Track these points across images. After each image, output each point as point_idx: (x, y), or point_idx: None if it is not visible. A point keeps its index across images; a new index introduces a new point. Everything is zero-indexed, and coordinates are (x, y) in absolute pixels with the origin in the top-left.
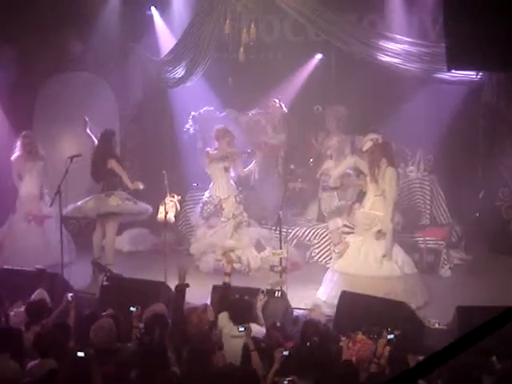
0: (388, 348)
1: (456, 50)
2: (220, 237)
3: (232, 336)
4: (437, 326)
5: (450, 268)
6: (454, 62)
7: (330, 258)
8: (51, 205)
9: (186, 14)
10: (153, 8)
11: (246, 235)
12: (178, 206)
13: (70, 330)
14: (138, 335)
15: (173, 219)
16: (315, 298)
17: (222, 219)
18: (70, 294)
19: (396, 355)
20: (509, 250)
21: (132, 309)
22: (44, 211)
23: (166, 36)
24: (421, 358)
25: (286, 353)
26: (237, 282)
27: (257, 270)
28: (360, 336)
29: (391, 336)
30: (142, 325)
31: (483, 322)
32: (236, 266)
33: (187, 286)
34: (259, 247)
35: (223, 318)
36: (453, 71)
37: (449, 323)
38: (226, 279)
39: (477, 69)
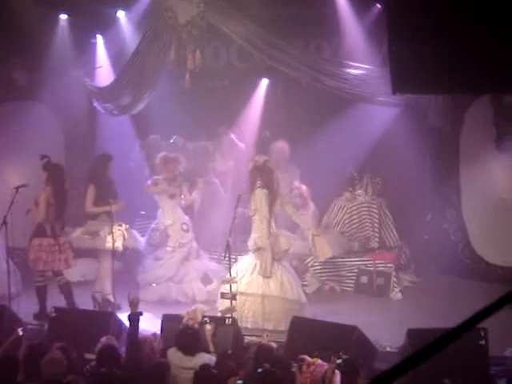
0: (338, 373)
1: (401, 73)
2: (166, 269)
3: (182, 367)
4: (388, 349)
5: (400, 291)
6: (399, 86)
7: None
8: None
9: (131, 41)
10: (98, 36)
11: (192, 267)
12: (126, 234)
13: (18, 364)
14: (89, 367)
15: (120, 248)
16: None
17: (168, 248)
18: (21, 328)
19: (345, 380)
20: (458, 272)
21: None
22: None
23: (111, 63)
24: None
25: (240, 382)
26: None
27: (202, 303)
28: (314, 359)
29: (339, 361)
30: (92, 356)
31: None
32: (182, 299)
33: (140, 314)
34: (206, 280)
35: (172, 352)
36: (397, 94)
37: (400, 346)
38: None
39: (421, 92)
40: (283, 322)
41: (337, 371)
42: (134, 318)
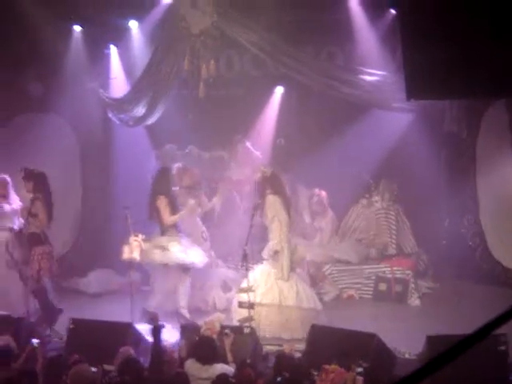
0: (360, 380)
1: (415, 79)
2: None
3: (199, 378)
4: (407, 356)
5: (418, 297)
6: (413, 92)
7: None
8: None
9: (145, 51)
10: (112, 46)
11: (212, 275)
12: (143, 245)
13: (36, 377)
14: (108, 378)
15: (137, 259)
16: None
17: None
18: (36, 341)
19: None
20: (476, 277)
21: (93, 369)
22: None
23: (125, 74)
24: None
25: None
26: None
27: (222, 311)
28: (333, 366)
29: (360, 369)
30: (111, 367)
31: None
32: (202, 305)
33: (163, 326)
34: (225, 288)
35: (189, 363)
36: (412, 100)
37: (419, 353)
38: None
39: (436, 98)
40: (300, 330)
41: (358, 378)
42: (157, 331)
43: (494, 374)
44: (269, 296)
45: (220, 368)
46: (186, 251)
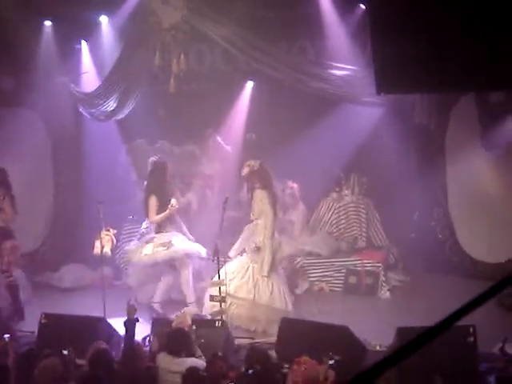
0: (332, 373)
1: (385, 73)
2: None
3: (171, 371)
4: (378, 348)
5: (388, 290)
6: (383, 86)
7: None
8: None
9: (115, 46)
10: (83, 42)
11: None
12: (114, 239)
13: (8, 371)
14: (80, 373)
15: (109, 253)
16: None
17: None
18: (7, 335)
19: (339, 381)
20: (445, 270)
21: (64, 352)
22: None
23: (96, 69)
24: None
25: None
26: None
27: (195, 301)
28: (305, 358)
29: (331, 361)
30: (83, 361)
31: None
32: (177, 296)
33: (137, 320)
34: (199, 278)
35: (161, 356)
36: (382, 94)
37: (390, 345)
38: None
39: (406, 92)
40: (267, 326)
41: (331, 371)
42: (131, 324)
43: (462, 366)
44: (243, 290)
45: (191, 361)
46: (186, 242)
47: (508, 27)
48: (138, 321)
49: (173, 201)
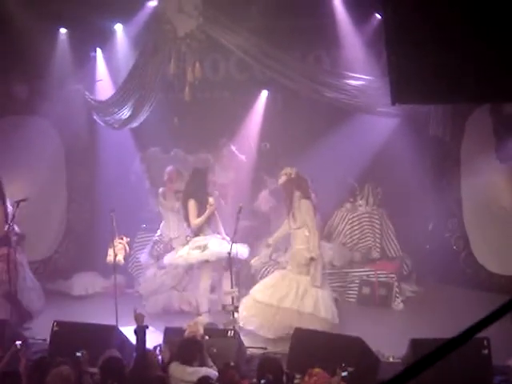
0: None
1: (400, 83)
2: (170, 277)
3: (183, 381)
4: (391, 359)
5: (402, 301)
6: (398, 96)
7: None
8: None
9: (130, 54)
10: (98, 49)
11: (197, 276)
12: (127, 247)
13: (19, 378)
14: (91, 381)
15: (122, 261)
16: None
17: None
18: (19, 342)
19: None
20: (460, 281)
21: (78, 354)
22: None
23: (110, 77)
24: None
25: None
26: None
27: (207, 312)
28: (317, 369)
29: (345, 373)
30: (95, 370)
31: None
32: (185, 308)
33: (146, 327)
34: (210, 289)
35: (173, 366)
36: (397, 105)
37: (403, 356)
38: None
39: (421, 102)
40: None
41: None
42: (141, 332)
43: (476, 378)
44: (288, 300)
45: (204, 371)
46: (223, 245)
47: None
48: (147, 327)
49: (211, 199)
